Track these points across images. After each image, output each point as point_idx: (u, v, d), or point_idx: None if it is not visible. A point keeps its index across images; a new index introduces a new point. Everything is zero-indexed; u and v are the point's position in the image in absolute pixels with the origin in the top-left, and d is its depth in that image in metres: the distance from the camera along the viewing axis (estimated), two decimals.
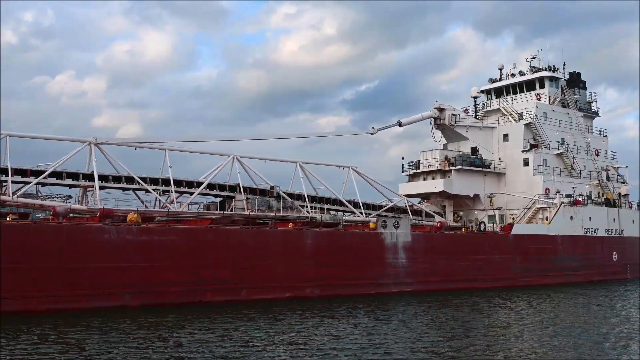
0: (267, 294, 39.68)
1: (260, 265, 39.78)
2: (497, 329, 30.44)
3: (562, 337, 27.77)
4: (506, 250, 54.29)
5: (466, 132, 64.39)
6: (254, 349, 24.39)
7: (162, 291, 35.71)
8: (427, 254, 48.54)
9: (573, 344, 26.16)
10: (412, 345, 25.54)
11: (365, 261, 44.79)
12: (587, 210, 62.22)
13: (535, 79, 68.69)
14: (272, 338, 26.68)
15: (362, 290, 44.06)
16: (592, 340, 27.19)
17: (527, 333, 29.18)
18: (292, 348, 24.60)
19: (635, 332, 29.44)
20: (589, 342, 26.72)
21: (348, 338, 26.91)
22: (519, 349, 25.19)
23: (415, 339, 26.75)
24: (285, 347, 24.88)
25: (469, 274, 50.81)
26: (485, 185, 62.73)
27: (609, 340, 27.16)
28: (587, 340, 27.16)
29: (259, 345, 25.00)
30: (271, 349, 24.34)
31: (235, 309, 34.95)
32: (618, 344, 26.41)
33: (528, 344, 26.45)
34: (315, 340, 26.41)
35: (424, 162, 62.52)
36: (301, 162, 52.95)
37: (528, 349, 25.35)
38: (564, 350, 24.97)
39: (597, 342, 26.84)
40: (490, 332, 29.17)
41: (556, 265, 57.89)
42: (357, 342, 26.03)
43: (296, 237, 42.23)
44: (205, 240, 38.20)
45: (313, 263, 42.24)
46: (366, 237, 45.93)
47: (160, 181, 45.52)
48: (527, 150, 62.56)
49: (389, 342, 25.93)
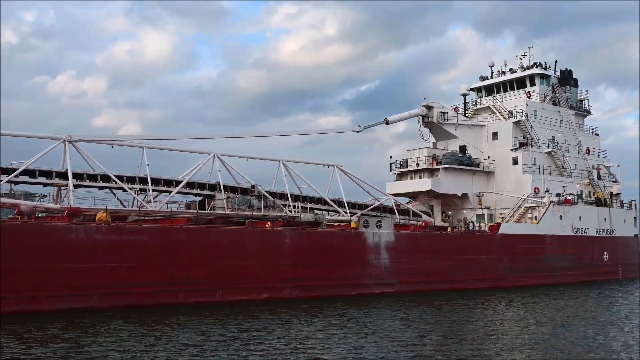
0: (244, 295, 38.67)
1: (236, 265, 38.79)
2: (473, 330, 29.46)
3: (538, 339, 26.82)
4: (493, 250, 53.29)
5: (455, 130, 63.43)
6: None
7: (132, 292, 34.71)
8: (410, 254, 47.54)
9: (547, 347, 25.22)
10: (382, 347, 24.55)
11: (346, 261, 43.80)
12: (577, 209, 61.19)
13: (525, 76, 67.69)
14: (229, 341, 25.71)
15: (343, 291, 43.06)
16: (576, 346, 26.22)
17: (501, 336, 28.19)
18: (244, 351, 23.64)
19: (616, 336, 28.50)
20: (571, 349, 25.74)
21: (311, 340, 25.95)
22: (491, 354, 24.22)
23: (386, 342, 25.77)
24: (237, 348, 23.90)
25: (455, 275, 49.79)
26: (474, 184, 61.71)
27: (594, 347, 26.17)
28: (567, 345, 26.19)
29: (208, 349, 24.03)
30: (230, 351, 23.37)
31: (208, 311, 33.98)
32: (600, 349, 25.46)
33: (499, 347, 25.45)
34: (272, 343, 25.43)
35: (412, 161, 61.53)
36: (284, 160, 52.05)
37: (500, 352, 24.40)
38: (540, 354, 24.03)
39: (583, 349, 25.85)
40: (466, 334, 28.19)
41: (545, 265, 56.89)
42: (320, 346, 25.06)
43: (274, 236, 41.23)
44: (179, 239, 37.22)
45: (292, 263, 41.25)
46: (347, 236, 44.94)
47: (137, 179, 44.52)
48: (516, 148, 61.55)
49: (357, 346, 24.97)
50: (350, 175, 55.70)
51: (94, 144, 44.93)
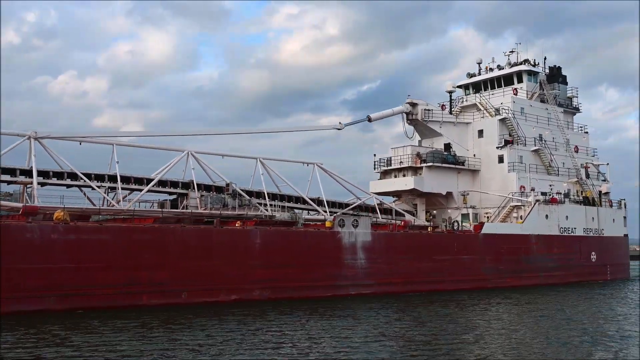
0: (211, 296, 37.41)
1: (204, 266, 37.54)
2: (442, 332, 28.18)
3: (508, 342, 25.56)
4: (475, 250, 51.99)
5: (440, 127, 62.17)
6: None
7: (91, 294, 33.48)
8: (388, 254, 46.26)
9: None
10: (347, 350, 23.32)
11: (320, 262, 42.55)
12: (564, 208, 59.88)
13: (513, 73, 66.40)
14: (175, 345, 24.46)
15: (317, 292, 41.82)
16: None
17: (473, 339, 26.92)
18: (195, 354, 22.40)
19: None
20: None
21: (270, 344, 24.71)
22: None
23: (353, 344, 24.53)
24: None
25: (435, 275, 48.51)
26: (459, 182, 60.41)
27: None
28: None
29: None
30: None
31: (171, 313, 32.74)
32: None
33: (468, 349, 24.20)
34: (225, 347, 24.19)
35: (396, 159, 60.22)
36: (262, 158, 50.85)
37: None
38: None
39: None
40: (434, 337, 26.92)
41: (530, 266, 55.60)
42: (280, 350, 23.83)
43: (243, 236, 39.97)
44: (142, 239, 35.92)
45: (262, 264, 39.98)
46: (322, 236, 43.67)
47: (107, 177, 43.25)
48: (502, 146, 60.26)
49: (318, 350, 23.71)
50: (331, 174, 54.47)
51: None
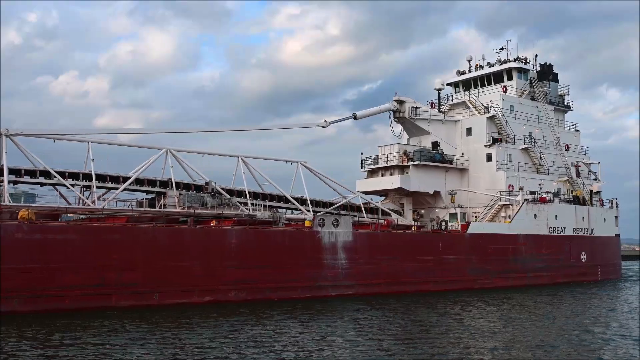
0: (184, 298, 36.44)
1: (176, 266, 36.54)
2: (423, 333, 27.19)
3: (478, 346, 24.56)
4: (461, 250, 50.98)
5: (427, 125, 61.12)
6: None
7: (58, 295, 32.49)
8: (370, 254, 45.26)
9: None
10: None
11: (299, 262, 41.55)
12: (553, 208, 58.86)
13: (502, 70, 65.40)
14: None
15: (296, 294, 40.84)
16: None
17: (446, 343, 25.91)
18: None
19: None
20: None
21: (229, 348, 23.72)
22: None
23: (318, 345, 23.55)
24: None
25: (419, 276, 47.52)
26: (447, 181, 59.42)
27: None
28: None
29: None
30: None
31: (140, 315, 31.77)
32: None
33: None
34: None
35: (382, 157, 59.20)
36: (243, 156, 49.90)
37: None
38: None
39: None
40: (415, 339, 25.92)
41: (518, 266, 54.60)
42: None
43: (218, 236, 38.97)
44: (111, 239, 34.92)
45: (238, 264, 38.98)
46: (300, 236, 42.67)
47: (81, 176, 42.27)
48: (490, 144, 59.25)
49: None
50: (315, 172, 53.47)
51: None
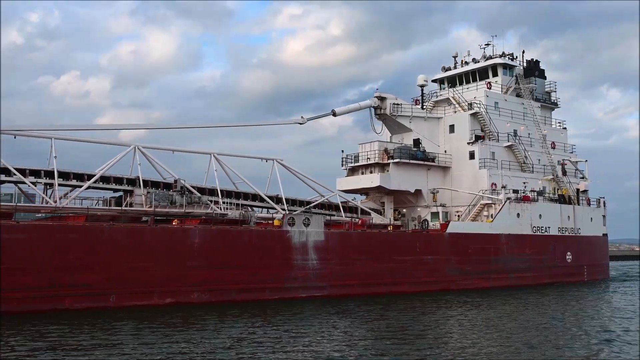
0: (143, 299, 35.04)
1: (135, 267, 35.14)
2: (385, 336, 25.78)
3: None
4: (440, 250, 49.55)
5: (409, 123, 59.69)
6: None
7: (7, 297, 31.07)
8: (343, 254, 43.85)
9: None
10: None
11: (267, 262, 40.13)
12: (537, 207, 57.41)
13: (488, 66, 64.00)
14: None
15: (263, 295, 39.44)
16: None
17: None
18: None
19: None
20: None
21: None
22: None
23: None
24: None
25: (395, 277, 46.11)
26: (429, 180, 58.00)
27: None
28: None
29: None
30: None
31: (96, 317, 30.39)
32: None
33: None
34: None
35: (363, 155, 57.82)
36: (216, 153, 48.51)
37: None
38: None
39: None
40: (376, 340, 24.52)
41: (500, 266, 53.17)
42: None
43: (181, 235, 37.58)
44: (65, 238, 33.52)
45: (202, 264, 37.58)
46: (269, 235, 41.26)
47: (43, 173, 40.87)
48: (473, 142, 57.84)
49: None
50: (291, 170, 52.11)
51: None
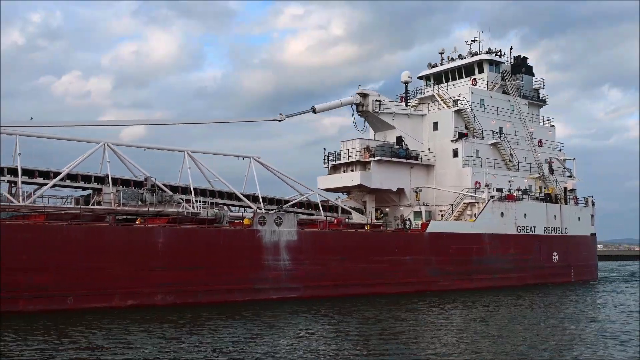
0: (102, 301, 33.78)
1: (94, 268, 33.87)
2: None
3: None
4: (420, 250, 48.25)
5: (392, 120, 58.40)
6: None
7: None
8: (317, 254, 42.55)
9: None
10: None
11: (236, 263, 38.86)
12: (522, 206, 56.07)
13: (474, 62, 62.72)
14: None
15: (232, 296, 38.17)
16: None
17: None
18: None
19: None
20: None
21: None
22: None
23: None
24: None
25: (372, 278, 44.82)
26: (412, 178, 56.67)
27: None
28: None
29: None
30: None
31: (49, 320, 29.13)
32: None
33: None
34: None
35: (344, 153, 56.51)
36: (190, 151, 47.34)
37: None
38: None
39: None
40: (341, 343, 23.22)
41: (483, 267, 51.85)
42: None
43: (144, 235, 36.30)
44: (19, 238, 32.24)
45: (166, 265, 36.31)
46: (238, 235, 39.97)
47: (6, 170, 39.60)
48: (456, 139, 56.52)
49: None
50: (269, 168, 50.95)
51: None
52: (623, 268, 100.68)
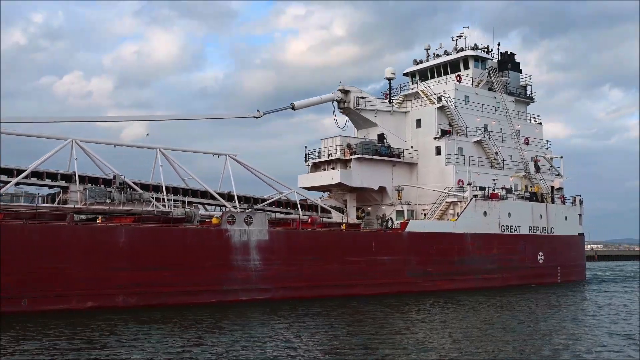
0: (59, 303, 32.43)
1: (50, 268, 32.56)
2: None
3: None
4: (398, 250, 46.92)
5: (374, 117, 57.08)
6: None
7: None
8: (289, 254, 41.23)
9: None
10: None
11: (203, 264, 37.55)
12: (506, 205, 54.75)
13: (459, 59, 61.41)
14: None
15: (198, 298, 36.86)
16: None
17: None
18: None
19: None
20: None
21: None
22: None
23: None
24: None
25: (348, 279, 43.51)
26: (394, 176, 55.33)
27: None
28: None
29: None
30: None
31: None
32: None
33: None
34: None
35: (325, 151, 55.22)
36: (162, 148, 46.14)
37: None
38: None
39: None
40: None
41: (465, 267, 50.54)
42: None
43: (104, 234, 34.97)
44: None
45: (128, 266, 35.01)
46: (205, 234, 38.65)
47: None
48: (439, 137, 55.21)
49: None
50: (246, 166, 49.77)
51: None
52: (622, 268, 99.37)
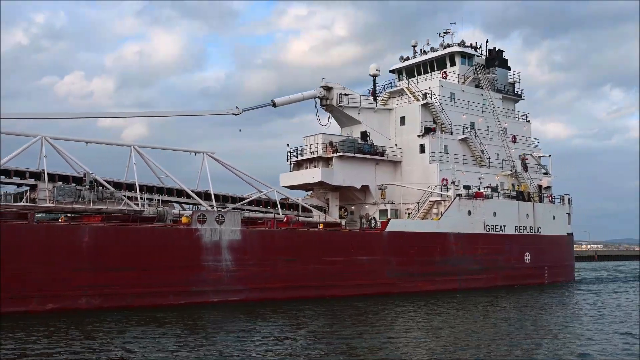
0: (17, 305, 31.31)
1: (8, 269, 31.43)
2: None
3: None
4: (378, 250, 45.76)
5: (358, 114, 55.94)
6: None
7: None
8: (264, 255, 40.07)
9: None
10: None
11: (171, 264, 36.40)
12: (491, 204, 53.57)
13: (445, 55, 60.30)
14: None
15: (166, 299, 35.76)
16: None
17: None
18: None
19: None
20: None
21: None
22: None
23: None
24: None
25: (325, 280, 42.37)
26: (378, 175, 54.17)
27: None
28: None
29: None
30: None
31: None
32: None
33: None
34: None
35: (307, 149, 54.08)
36: (137, 145, 45.08)
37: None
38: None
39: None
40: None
41: (447, 268, 49.37)
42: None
43: (66, 234, 33.84)
44: None
45: (91, 266, 33.89)
46: (174, 234, 37.50)
47: None
48: (423, 134, 54.06)
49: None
50: (224, 164, 48.68)
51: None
52: (621, 268, 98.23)
